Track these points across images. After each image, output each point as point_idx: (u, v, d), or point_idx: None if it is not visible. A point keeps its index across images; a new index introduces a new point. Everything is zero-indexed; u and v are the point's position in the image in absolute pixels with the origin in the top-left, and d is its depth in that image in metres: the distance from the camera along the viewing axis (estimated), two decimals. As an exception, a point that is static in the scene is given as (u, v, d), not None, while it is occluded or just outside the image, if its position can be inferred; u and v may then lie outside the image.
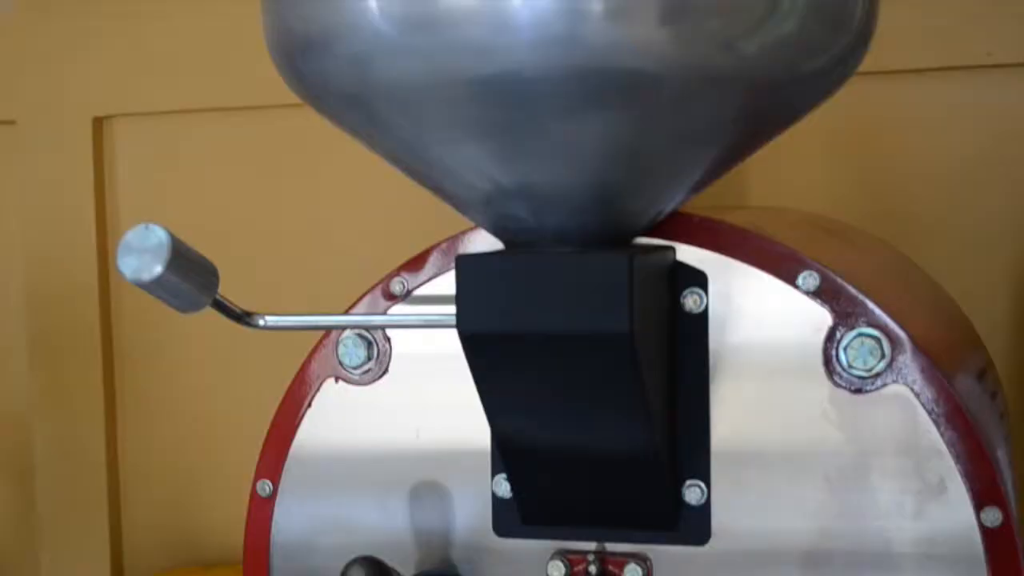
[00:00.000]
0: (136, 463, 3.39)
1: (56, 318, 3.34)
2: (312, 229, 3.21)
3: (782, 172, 2.73)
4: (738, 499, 1.58)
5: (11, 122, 3.38)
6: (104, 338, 3.32)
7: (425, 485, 1.71)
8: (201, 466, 3.31)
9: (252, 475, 1.78)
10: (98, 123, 3.33)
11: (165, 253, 1.43)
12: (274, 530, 1.77)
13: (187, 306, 1.50)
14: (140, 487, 3.40)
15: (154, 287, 1.45)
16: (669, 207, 1.53)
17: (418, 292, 1.70)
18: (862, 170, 2.80)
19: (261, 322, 1.59)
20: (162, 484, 3.38)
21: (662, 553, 1.61)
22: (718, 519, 1.59)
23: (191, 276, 1.47)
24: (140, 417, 3.37)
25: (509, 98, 1.34)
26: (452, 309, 1.47)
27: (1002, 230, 2.72)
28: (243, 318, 1.58)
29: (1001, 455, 1.65)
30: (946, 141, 2.76)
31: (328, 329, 1.71)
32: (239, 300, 1.55)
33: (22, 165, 3.37)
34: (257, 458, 1.78)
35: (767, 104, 1.46)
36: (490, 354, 1.49)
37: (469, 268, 1.46)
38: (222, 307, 1.54)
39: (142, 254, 1.43)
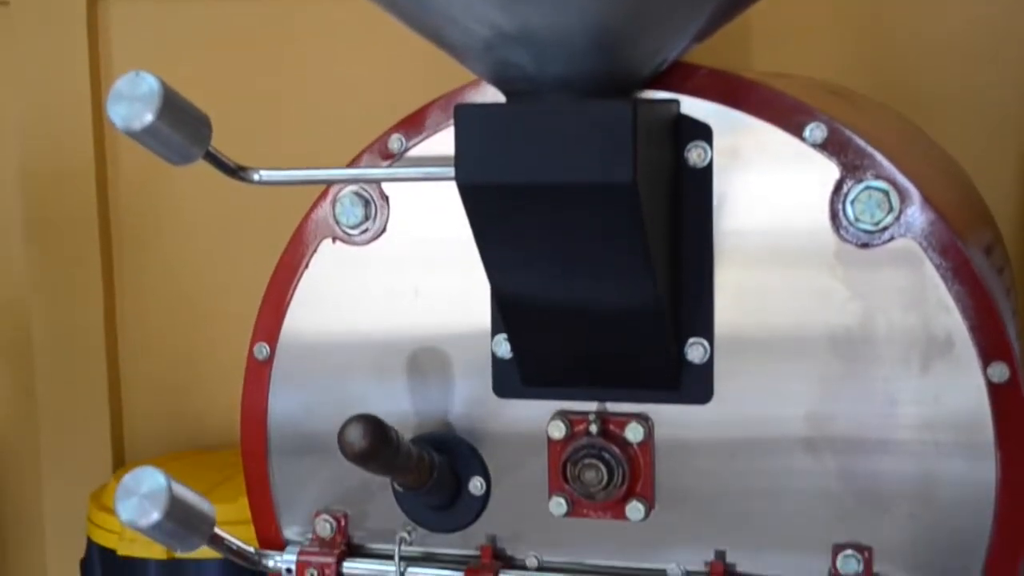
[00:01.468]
0: (135, 346, 3.37)
1: (52, 200, 3.31)
2: (308, 99, 3.17)
3: (788, 44, 2.68)
4: (741, 357, 1.56)
5: (4, 3, 3.33)
6: (101, 219, 3.30)
7: (424, 347, 1.68)
8: (201, 348, 3.30)
9: (251, 356, 1.77)
10: (92, 3, 3.28)
11: (156, 101, 1.39)
12: (271, 393, 1.75)
13: (179, 158, 1.47)
14: (140, 370, 3.39)
15: (145, 136, 1.41)
16: (672, 55, 1.49)
17: (416, 151, 1.66)
18: (869, 42, 2.75)
19: (256, 177, 1.56)
20: (162, 367, 3.37)
21: (663, 412, 1.59)
22: (721, 377, 1.57)
23: (182, 126, 1.44)
24: (139, 299, 3.35)
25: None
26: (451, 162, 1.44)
27: (1011, 104, 2.67)
28: (237, 172, 1.55)
29: (1009, 329, 1.62)
30: (955, 12, 2.71)
31: (324, 183, 1.68)
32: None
33: (16, 47, 3.33)
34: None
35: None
36: (490, 207, 1.46)
37: (468, 117, 1.43)
38: (216, 160, 1.51)
39: (132, 102, 1.40)
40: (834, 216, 1.51)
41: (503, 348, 1.64)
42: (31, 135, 3.32)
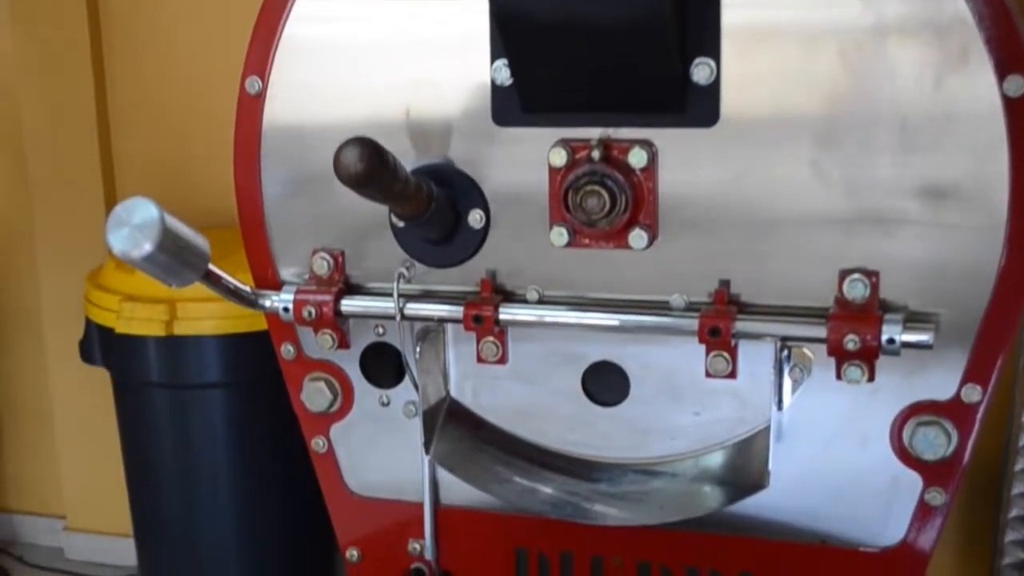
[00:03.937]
0: (127, 127, 3.32)
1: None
2: None
3: None
4: (749, 77, 1.51)
5: None
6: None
7: (421, 74, 1.63)
8: (194, 127, 3.25)
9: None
10: None
11: None
12: (264, 130, 1.70)
13: None
14: (133, 151, 3.34)
15: None
16: None
17: None
18: None
19: None
20: (155, 147, 3.32)
21: (668, 137, 1.55)
22: (727, 99, 1.52)
23: None
24: (129, 79, 3.29)
25: None
26: None
27: None
28: None
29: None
30: None
31: None
32: None
33: None
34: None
35: None
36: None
37: None
38: None
39: None
40: (847, -75, 1.44)
41: (503, 74, 1.58)
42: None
